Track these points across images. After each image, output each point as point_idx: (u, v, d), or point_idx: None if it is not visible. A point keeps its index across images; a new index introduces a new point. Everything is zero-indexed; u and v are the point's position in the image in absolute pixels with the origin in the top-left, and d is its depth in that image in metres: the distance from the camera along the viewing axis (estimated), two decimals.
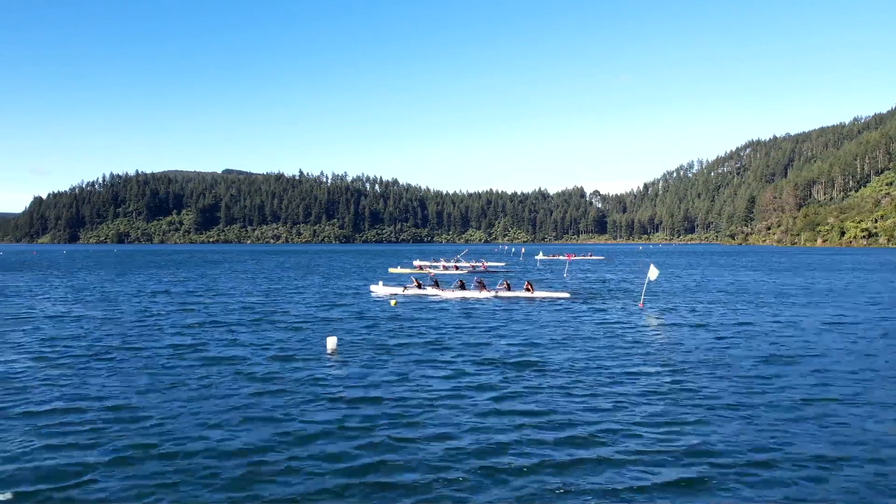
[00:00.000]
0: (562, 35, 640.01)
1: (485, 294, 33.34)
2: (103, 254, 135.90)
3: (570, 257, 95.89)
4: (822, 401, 12.27)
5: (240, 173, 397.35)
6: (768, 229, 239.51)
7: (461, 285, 35.13)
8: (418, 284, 36.20)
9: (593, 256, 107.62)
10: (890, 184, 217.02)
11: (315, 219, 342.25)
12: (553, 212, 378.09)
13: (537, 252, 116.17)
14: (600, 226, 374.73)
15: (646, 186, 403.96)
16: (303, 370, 15.00)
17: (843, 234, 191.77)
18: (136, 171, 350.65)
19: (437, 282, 36.96)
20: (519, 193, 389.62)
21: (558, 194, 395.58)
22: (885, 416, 11.37)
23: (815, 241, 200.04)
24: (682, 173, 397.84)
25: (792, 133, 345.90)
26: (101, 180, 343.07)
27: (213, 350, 17.64)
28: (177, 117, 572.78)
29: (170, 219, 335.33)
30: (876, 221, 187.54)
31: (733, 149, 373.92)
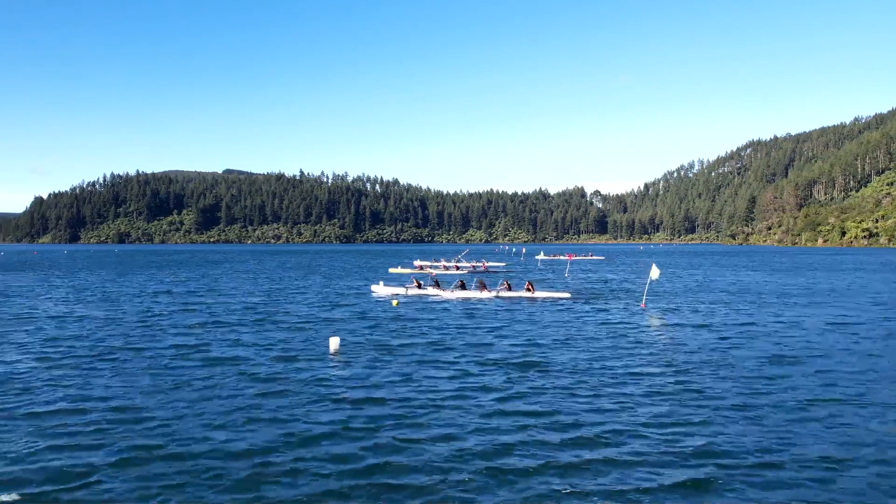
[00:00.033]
0: (562, 35, 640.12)
1: (486, 294, 33.32)
2: (104, 254, 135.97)
3: (571, 257, 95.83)
4: (826, 401, 12.25)
5: (240, 173, 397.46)
6: (769, 229, 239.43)
7: (462, 285, 35.12)
8: (418, 284, 36.18)
9: (594, 256, 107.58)
10: (891, 184, 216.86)
11: (316, 219, 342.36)
12: (553, 212, 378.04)
13: (538, 252, 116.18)
14: (601, 226, 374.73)
15: (646, 186, 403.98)
16: (306, 371, 15.00)
17: (843, 234, 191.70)
18: (137, 171, 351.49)
19: (438, 282, 36.96)
20: (519, 193, 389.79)
21: (559, 194, 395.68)
22: (890, 416, 11.36)
23: (816, 241, 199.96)
24: (682, 173, 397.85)
25: (793, 133, 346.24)
26: (101, 180, 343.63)
27: (216, 350, 17.63)
28: (177, 117, 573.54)
29: (170, 219, 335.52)
30: (877, 221, 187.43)
31: (734, 149, 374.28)
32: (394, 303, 30.49)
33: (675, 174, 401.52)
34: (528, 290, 33.79)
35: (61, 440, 9.96)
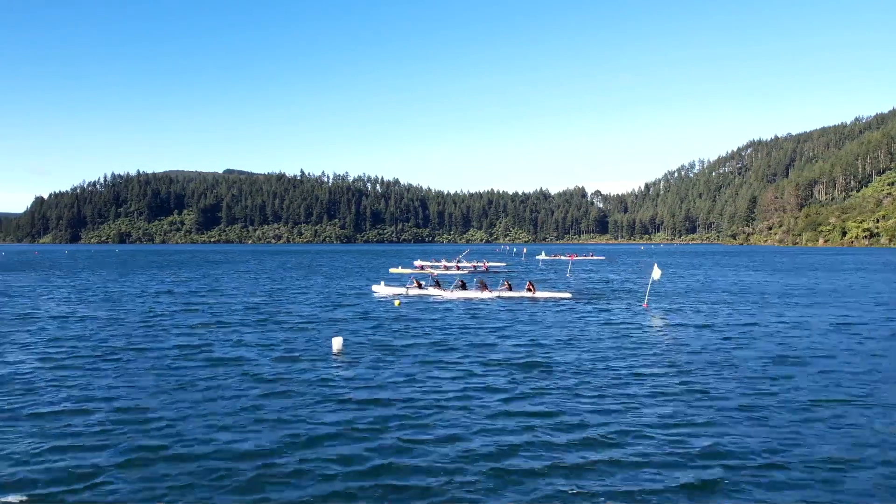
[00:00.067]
0: (562, 35, 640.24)
1: (487, 294, 33.30)
2: (105, 254, 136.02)
3: (572, 257, 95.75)
4: (831, 402, 12.23)
5: (241, 173, 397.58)
6: (770, 229, 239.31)
7: (462, 285, 35.10)
8: (419, 284, 36.13)
9: (594, 257, 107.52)
10: (891, 184, 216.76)
11: (316, 219, 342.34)
12: (554, 212, 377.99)
13: (539, 252, 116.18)
14: (601, 226, 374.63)
15: (647, 186, 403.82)
16: (310, 371, 14.99)
17: (844, 234, 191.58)
18: (138, 171, 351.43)
19: (439, 282, 36.94)
20: (520, 193, 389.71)
21: (559, 194, 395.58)
22: (895, 417, 11.34)
23: (817, 241, 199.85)
24: (683, 173, 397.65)
25: (793, 133, 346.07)
26: (102, 180, 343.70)
27: (219, 351, 17.63)
28: (178, 117, 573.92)
29: (171, 219, 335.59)
30: (877, 221, 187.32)
31: (734, 149, 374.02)
32: (396, 303, 30.48)
33: (676, 174, 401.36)
34: (529, 290, 33.77)
35: (66, 441, 9.95)
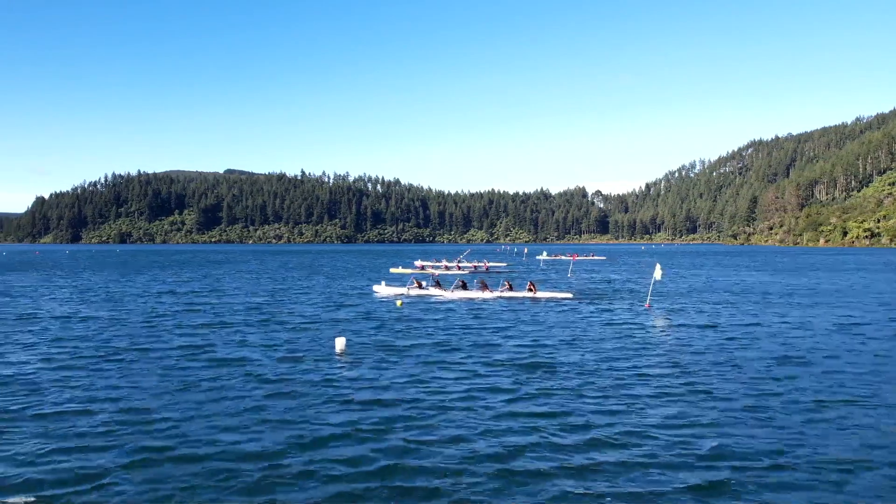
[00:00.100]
0: (562, 35, 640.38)
1: (488, 294, 33.27)
2: (106, 254, 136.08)
3: (573, 257, 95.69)
4: (836, 403, 12.21)
5: (242, 173, 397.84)
6: (770, 229, 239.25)
7: (463, 285, 35.06)
8: (419, 285, 36.09)
9: (595, 257, 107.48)
10: (892, 184, 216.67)
11: (317, 219, 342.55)
12: (555, 212, 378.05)
13: (540, 252, 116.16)
14: (602, 226, 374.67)
15: (648, 186, 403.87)
16: (313, 371, 14.97)
17: (845, 234, 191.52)
18: (138, 171, 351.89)
19: (439, 282, 36.91)
20: (521, 193, 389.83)
21: (560, 194, 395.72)
22: None
23: (818, 241, 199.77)
24: (683, 173, 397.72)
25: (794, 133, 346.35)
26: (102, 180, 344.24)
27: (222, 351, 17.61)
28: (178, 117, 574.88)
29: (172, 219, 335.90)
30: (878, 221, 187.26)
31: (735, 149, 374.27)
32: (398, 303, 30.46)
33: (677, 174, 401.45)
34: (531, 290, 33.74)
35: (71, 442, 9.94)
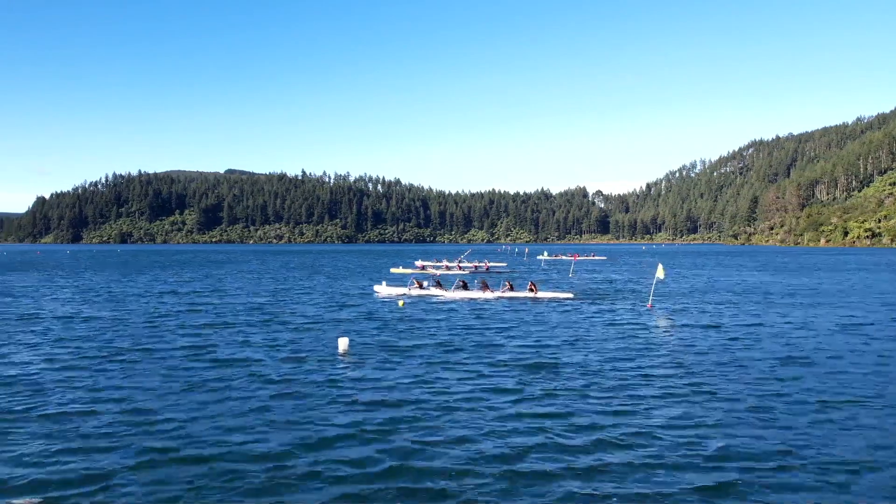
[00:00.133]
0: (562, 35, 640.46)
1: (490, 294, 33.25)
2: (107, 254, 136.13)
3: (575, 257, 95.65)
4: (841, 403, 12.19)
5: (242, 173, 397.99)
6: (771, 229, 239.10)
7: (464, 285, 35.04)
8: (420, 285, 36.06)
9: (596, 257, 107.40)
10: (893, 184, 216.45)
11: (318, 219, 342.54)
12: (556, 212, 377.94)
13: (541, 252, 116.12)
14: (603, 226, 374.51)
15: (648, 186, 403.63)
16: (317, 372, 14.96)
17: (846, 234, 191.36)
18: (139, 171, 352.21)
19: (440, 282, 36.89)
20: (521, 193, 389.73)
21: (561, 194, 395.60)
22: None
23: (819, 241, 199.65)
24: (684, 173, 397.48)
25: (795, 133, 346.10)
26: (103, 180, 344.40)
27: (225, 351, 17.61)
28: (179, 117, 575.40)
29: (172, 219, 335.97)
30: (879, 221, 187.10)
31: (736, 149, 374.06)
32: (400, 303, 30.44)
33: (677, 174, 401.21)
34: (531, 290, 33.72)
35: (76, 443, 9.93)
